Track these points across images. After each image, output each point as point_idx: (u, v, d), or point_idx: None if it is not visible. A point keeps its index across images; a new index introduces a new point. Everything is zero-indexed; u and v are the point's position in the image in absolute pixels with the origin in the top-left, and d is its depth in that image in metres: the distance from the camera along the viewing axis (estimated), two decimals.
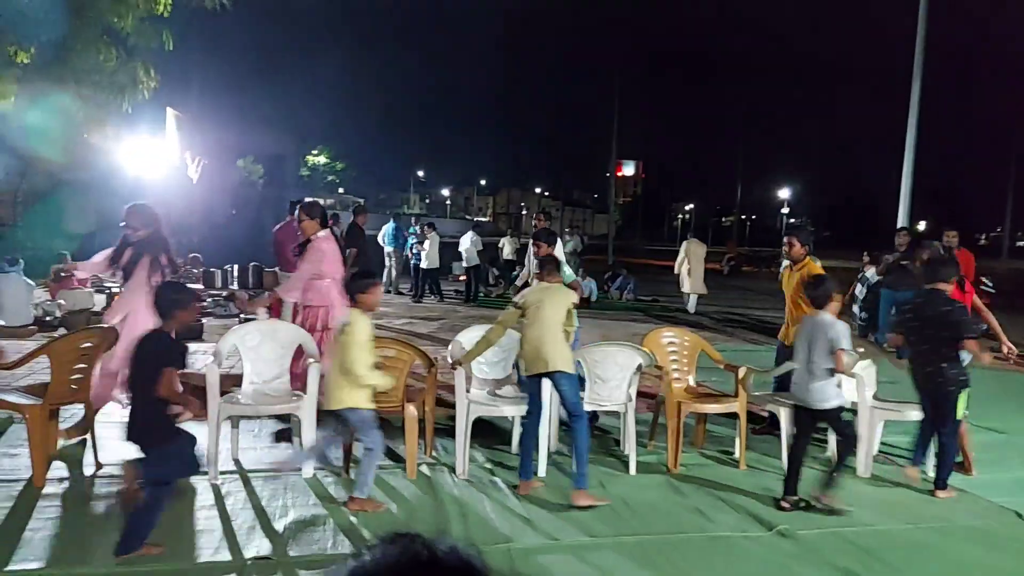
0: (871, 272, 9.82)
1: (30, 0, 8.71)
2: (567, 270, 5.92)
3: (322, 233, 5.27)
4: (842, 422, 4.45)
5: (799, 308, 5.40)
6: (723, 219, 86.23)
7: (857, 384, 5.09)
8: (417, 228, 15.59)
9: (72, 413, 4.87)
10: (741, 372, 5.13)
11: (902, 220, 13.51)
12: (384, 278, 15.51)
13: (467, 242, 15.00)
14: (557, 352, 4.31)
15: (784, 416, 4.95)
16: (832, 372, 4.24)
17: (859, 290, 10.32)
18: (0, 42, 8.36)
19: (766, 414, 5.78)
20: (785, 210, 59.48)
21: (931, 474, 4.77)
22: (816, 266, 5.54)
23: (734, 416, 5.15)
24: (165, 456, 3.26)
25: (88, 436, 4.54)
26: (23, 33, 8.57)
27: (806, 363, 4.31)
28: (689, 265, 13.53)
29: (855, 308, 10.14)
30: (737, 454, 5.11)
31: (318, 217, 5.32)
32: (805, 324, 4.46)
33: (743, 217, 55.97)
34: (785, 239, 5.69)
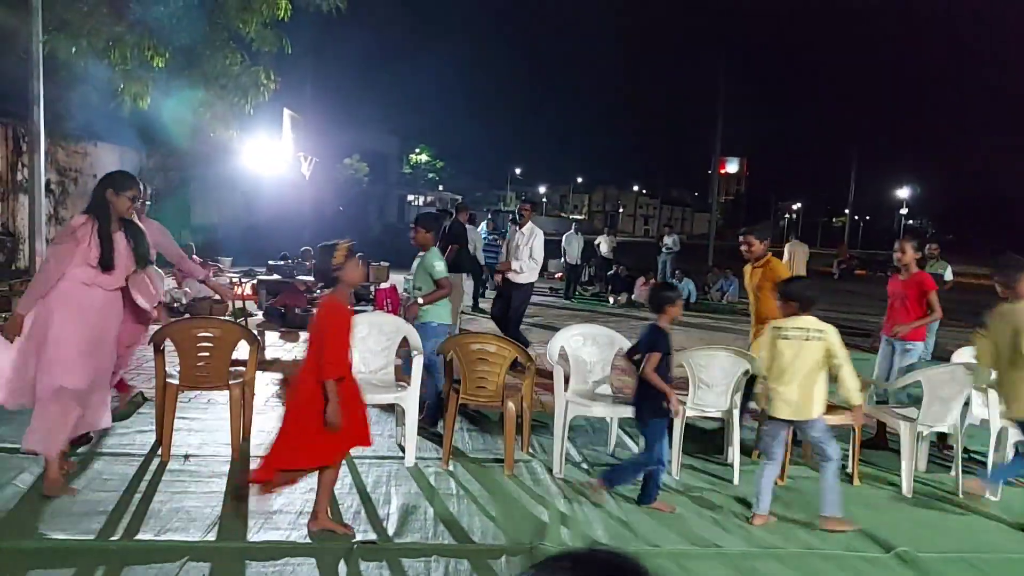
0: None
1: (166, 8, 9.41)
2: (438, 265, 5.28)
3: (80, 218, 3.96)
4: None
5: (762, 305, 5.33)
6: (834, 219, 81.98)
7: (989, 400, 4.71)
8: (486, 226, 13.85)
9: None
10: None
11: None
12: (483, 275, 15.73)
13: (570, 241, 15.03)
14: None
15: (905, 432, 4.64)
16: None
17: None
18: (139, 47, 9.06)
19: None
20: (904, 211, 55.72)
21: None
22: (779, 262, 5.52)
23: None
24: (656, 429, 4.06)
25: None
26: (159, 38, 9.26)
27: None
28: (793, 267, 13.36)
29: None
30: (850, 468, 4.83)
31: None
32: None
33: (855, 218, 52.85)
34: (741, 239, 5.58)
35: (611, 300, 14.68)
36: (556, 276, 17.31)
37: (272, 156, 17.69)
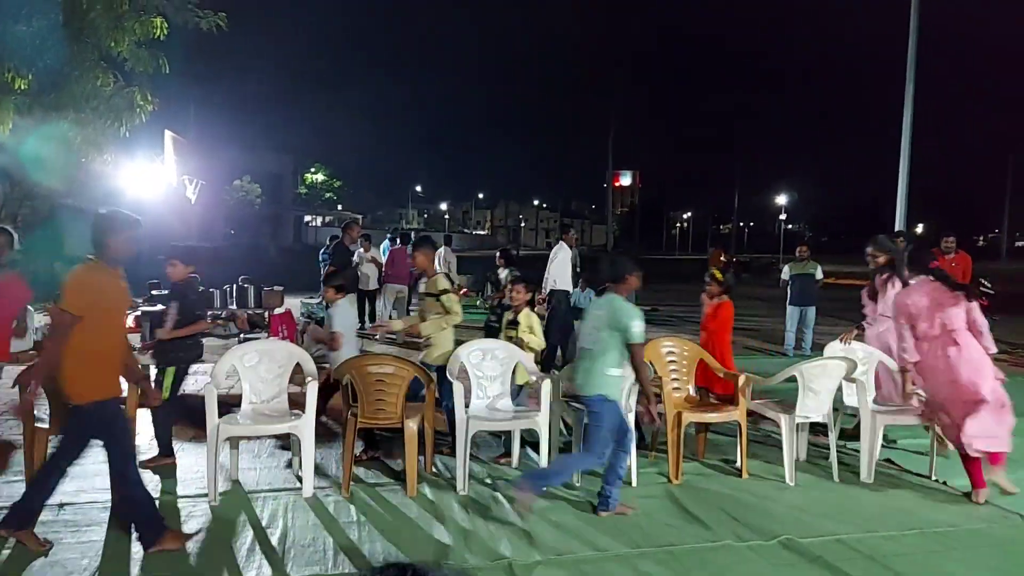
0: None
1: (28, 27, 8.78)
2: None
3: None
4: None
5: None
6: (721, 227, 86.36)
7: (858, 388, 5.09)
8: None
9: None
10: (741, 380, 5.12)
11: (899, 224, 13.53)
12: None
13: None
14: None
15: (784, 423, 4.94)
16: None
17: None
18: None
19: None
20: (783, 216, 59.53)
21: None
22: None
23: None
24: None
25: None
26: (21, 59, 8.63)
27: None
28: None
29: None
30: (739, 463, 5.09)
31: None
32: None
33: (740, 224, 55.85)
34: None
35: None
36: (462, 292, 17.36)
37: (154, 180, 16.82)
